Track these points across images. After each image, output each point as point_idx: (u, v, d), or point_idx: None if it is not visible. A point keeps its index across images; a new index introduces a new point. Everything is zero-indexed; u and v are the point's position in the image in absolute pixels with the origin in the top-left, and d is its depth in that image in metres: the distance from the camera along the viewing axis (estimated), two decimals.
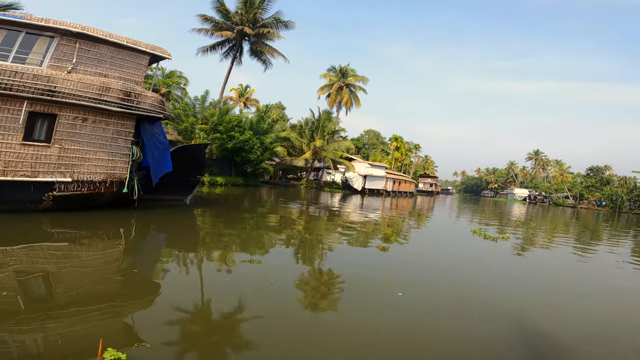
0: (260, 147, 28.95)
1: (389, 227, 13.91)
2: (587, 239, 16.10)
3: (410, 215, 20.76)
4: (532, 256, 10.28)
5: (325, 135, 40.40)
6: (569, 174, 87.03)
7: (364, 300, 5.02)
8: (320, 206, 21.27)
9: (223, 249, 7.56)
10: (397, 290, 5.42)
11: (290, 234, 10.18)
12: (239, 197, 22.19)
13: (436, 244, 11.14)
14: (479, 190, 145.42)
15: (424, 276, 6.81)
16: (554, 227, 22.13)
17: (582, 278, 8.04)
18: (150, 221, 10.12)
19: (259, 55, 32.70)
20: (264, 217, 13.43)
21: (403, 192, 52.17)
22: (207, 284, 5.20)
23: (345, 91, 43.65)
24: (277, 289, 5.10)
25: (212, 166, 27.97)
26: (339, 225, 13.02)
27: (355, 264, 7.27)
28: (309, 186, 42.02)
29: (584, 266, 9.44)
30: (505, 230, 16.92)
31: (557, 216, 36.20)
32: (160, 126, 11.56)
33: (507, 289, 6.35)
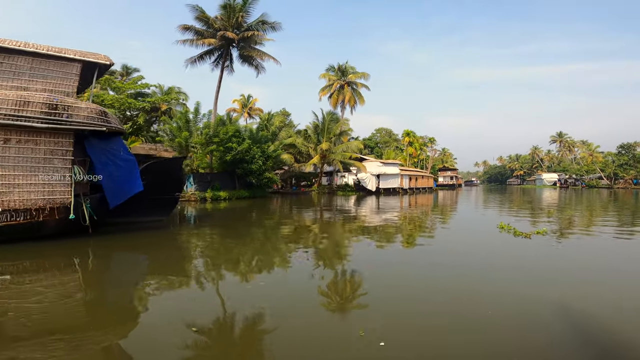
0: (261, 157, 27.37)
1: (403, 230, 11.87)
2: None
3: (429, 213, 18.54)
4: (589, 257, 8.02)
5: (332, 137, 38.55)
6: (598, 154, 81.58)
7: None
8: (333, 211, 19.41)
9: (175, 284, 5.81)
10: (382, 339, 3.49)
11: (291, 250, 8.36)
12: (241, 210, 20.62)
13: (455, 250, 9.05)
14: (503, 179, 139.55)
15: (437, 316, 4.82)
16: (595, 211, 19.35)
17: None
18: (97, 249, 8.50)
19: (249, 60, 31.34)
20: (256, 233, 11.68)
21: (421, 189, 49.49)
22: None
23: (347, 89, 41.67)
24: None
25: (213, 181, 26.62)
26: (349, 232, 11.11)
27: (369, 284, 5.35)
28: (321, 191, 40.18)
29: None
30: (538, 221, 14.51)
31: (595, 199, 32.84)
32: (120, 142, 10.05)
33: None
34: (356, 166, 38.66)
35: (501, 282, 5.78)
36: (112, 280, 6.36)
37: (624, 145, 68.33)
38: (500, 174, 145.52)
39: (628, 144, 67.81)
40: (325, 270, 6.63)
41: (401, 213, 18.83)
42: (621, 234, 10.88)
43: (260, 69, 32.46)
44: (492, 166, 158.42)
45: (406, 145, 63.41)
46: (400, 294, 5.21)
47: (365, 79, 42.33)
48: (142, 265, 7.52)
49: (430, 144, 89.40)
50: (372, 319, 4.16)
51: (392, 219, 15.80)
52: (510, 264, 7.05)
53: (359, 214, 18.12)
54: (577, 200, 31.57)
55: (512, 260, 7.25)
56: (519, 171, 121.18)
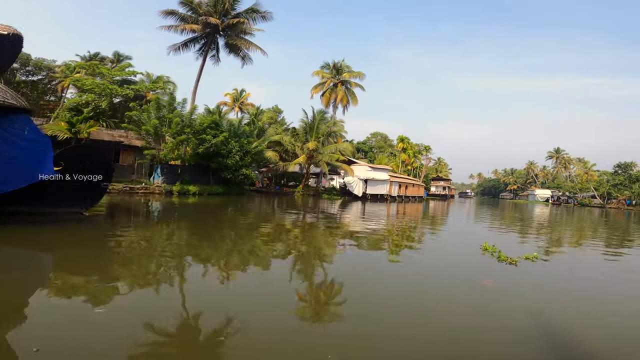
0: (239, 152, 25.55)
1: (374, 245, 10.12)
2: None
3: (412, 226, 16.84)
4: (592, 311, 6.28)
5: (320, 137, 36.82)
6: (594, 172, 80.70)
7: None
8: (309, 216, 17.64)
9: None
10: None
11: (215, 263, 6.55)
12: (207, 207, 18.78)
13: (415, 280, 7.29)
14: (496, 193, 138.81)
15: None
16: (589, 232, 17.76)
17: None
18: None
19: (235, 50, 29.57)
20: (203, 235, 9.85)
21: (411, 197, 47.85)
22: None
23: (340, 88, 39.92)
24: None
25: (184, 174, 24.73)
26: (315, 243, 9.35)
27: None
28: (306, 193, 38.38)
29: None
30: (527, 238, 12.84)
31: (587, 218, 31.40)
32: (24, 121, 8.25)
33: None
34: (343, 169, 36.97)
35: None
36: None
37: (621, 165, 67.37)
38: (494, 187, 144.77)
39: (625, 164, 66.83)
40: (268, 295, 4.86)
41: (381, 223, 17.12)
42: (621, 265, 9.24)
43: (247, 59, 30.73)
44: (486, 179, 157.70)
45: (399, 152, 61.79)
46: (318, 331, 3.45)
47: (361, 78, 40.69)
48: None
49: (426, 152, 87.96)
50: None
51: (367, 230, 14.09)
52: (470, 312, 5.29)
53: (337, 221, 16.37)
54: (569, 218, 30.08)
55: (480, 306, 5.47)
56: (513, 185, 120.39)
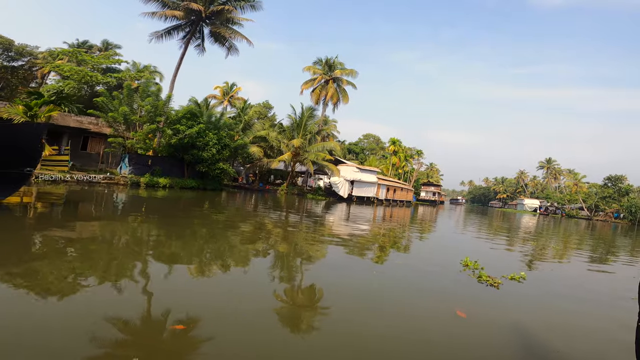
0: (217, 144, 24.03)
1: (342, 254, 8.78)
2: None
3: (394, 232, 15.58)
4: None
5: (307, 134, 35.45)
6: (583, 184, 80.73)
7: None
8: (286, 216, 16.26)
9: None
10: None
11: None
12: (175, 202, 17.29)
13: (390, 305, 5.96)
14: (486, 201, 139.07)
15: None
16: (578, 245, 16.68)
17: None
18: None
19: (219, 39, 28.02)
20: (149, 233, 8.38)
21: (399, 201, 46.72)
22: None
23: (331, 85, 38.56)
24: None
25: (155, 165, 23.14)
26: (280, 249, 7.98)
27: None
28: (290, 192, 36.98)
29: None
30: (513, 251, 11.64)
31: (575, 230, 30.56)
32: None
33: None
34: (330, 169, 35.64)
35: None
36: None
37: (611, 178, 67.19)
38: (484, 195, 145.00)
39: (616, 176, 66.66)
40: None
41: (360, 229, 15.82)
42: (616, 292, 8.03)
43: (233, 50, 29.19)
44: (477, 186, 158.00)
45: (390, 154, 60.72)
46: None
47: (353, 76, 39.37)
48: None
49: (418, 157, 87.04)
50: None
51: (340, 236, 12.77)
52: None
53: (314, 223, 15.03)
54: (556, 230, 29.17)
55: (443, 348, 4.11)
56: (503, 194, 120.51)
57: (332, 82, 38.82)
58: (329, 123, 74.48)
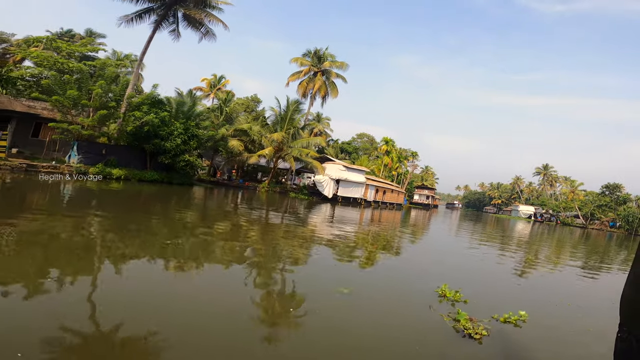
0: (183, 134, 21.63)
1: (297, 275, 6.49)
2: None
3: (372, 241, 13.31)
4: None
5: (291, 129, 33.10)
6: (580, 192, 78.99)
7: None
8: (256, 215, 13.96)
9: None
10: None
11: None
12: (125, 196, 14.93)
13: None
14: (481, 206, 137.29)
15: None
16: (579, 256, 14.49)
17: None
18: None
19: (193, 22, 25.56)
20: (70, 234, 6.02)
21: (388, 204, 44.47)
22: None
23: (319, 77, 36.12)
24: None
25: (110, 155, 20.67)
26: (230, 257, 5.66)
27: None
28: (271, 190, 34.62)
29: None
30: (506, 261, 9.37)
31: (571, 240, 28.47)
32: None
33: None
34: (314, 166, 33.32)
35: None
36: None
37: (609, 186, 65.38)
38: (478, 200, 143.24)
39: (614, 185, 64.86)
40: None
41: (333, 232, 13.53)
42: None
43: (209, 35, 26.72)
44: (472, 191, 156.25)
45: (383, 154, 58.49)
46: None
47: (343, 69, 36.98)
48: None
49: (412, 158, 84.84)
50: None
51: (300, 243, 10.49)
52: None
53: (284, 226, 12.71)
54: (552, 241, 27.04)
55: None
56: (497, 200, 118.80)
57: (321, 74, 36.41)
58: (322, 120, 72.18)
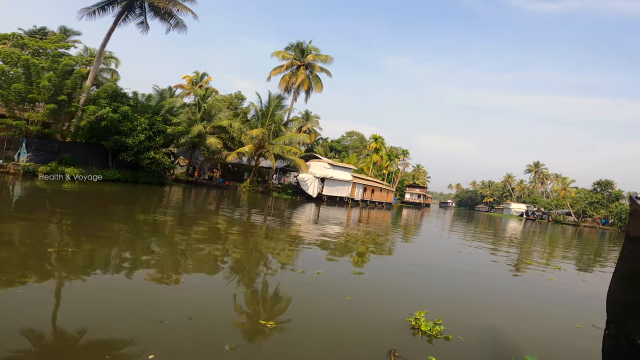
0: (147, 130, 19.75)
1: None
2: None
3: (351, 246, 11.66)
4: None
5: (272, 125, 31.36)
6: (572, 189, 78.43)
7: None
8: (231, 220, 12.20)
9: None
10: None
11: None
12: (71, 197, 13.07)
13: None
14: (473, 204, 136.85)
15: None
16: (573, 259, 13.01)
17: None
18: None
19: (160, 13, 23.67)
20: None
21: (377, 203, 42.91)
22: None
23: (302, 71, 34.34)
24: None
25: (63, 152, 18.72)
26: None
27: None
28: (253, 189, 32.83)
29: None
30: (499, 268, 7.76)
31: (565, 238, 27.19)
32: None
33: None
34: (297, 164, 31.59)
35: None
36: None
37: (601, 183, 64.66)
38: (470, 199, 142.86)
39: (605, 181, 64.14)
40: None
41: (307, 238, 11.84)
42: None
43: (180, 26, 24.85)
44: (464, 190, 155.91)
45: (372, 152, 56.98)
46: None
47: (328, 62, 35.20)
48: None
49: (403, 157, 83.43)
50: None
51: (267, 250, 8.76)
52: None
53: (235, 233, 10.96)
54: (546, 238, 25.70)
55: None
56: (489, 198, 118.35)
57: (304, 68, 34.63)
58: (311, 118, 70.49)
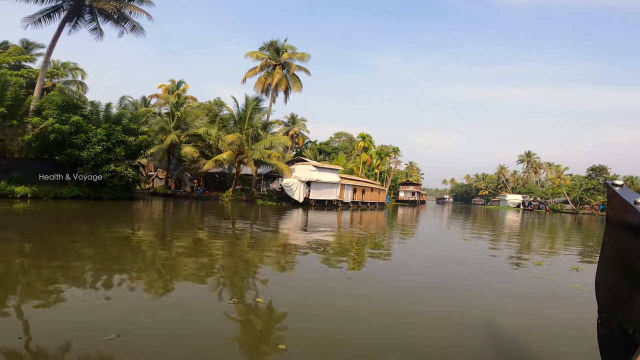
0: (105, 141, 17.99)
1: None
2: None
3: (332, 259, 9.99)
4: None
5: (250, 129, 29.71)
6: (566, 176, 77.51)
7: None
8: (213, 232, 10.47)
9: None
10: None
11: None
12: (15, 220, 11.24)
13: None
14: (469, 198, 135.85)
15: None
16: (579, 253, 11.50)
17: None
18: None
19: (112, 18, 22.04)
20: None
21: (369, 203, 41.28)
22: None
23: (278, 70, 32.66)
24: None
25: (13, 170, 16.88)
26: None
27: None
28: (237, 198, 31.06)
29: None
30: (505, 278, 6.11)
31: (565, 228, 25.72)
32: None
33: None
34: (280, 168, 29.90)
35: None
36: None
37: (595, 168, 63.66)
38: (466, 193, 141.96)
39: (599, 167, 63.14)
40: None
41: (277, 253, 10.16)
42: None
43: (137, 30, 23.19)
44: (459, 184, 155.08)
45: (361, 151, 55.47)
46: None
47: (305, 60, 33.62)
48: None
49: (394, 154, 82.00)
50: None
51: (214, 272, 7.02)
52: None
53: (223, 245, 9.23)
54: (543, 228, 24.25)
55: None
56: (484, 191, 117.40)
57: (280, 67, 32.98)
58: (297, 122, 68.97)
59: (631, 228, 1.36)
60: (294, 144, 67.86)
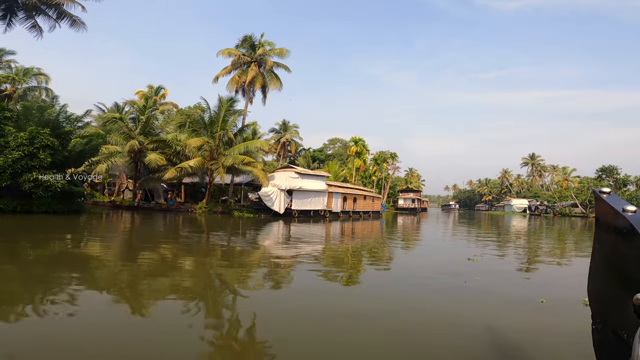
0: (27, 146, 14.90)
1: None
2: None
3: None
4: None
5: (222, 132, 26.56)
6: (574, 179, 73.68)
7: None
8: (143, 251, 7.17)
9: None
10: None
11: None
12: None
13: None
14: (472, 204, 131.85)
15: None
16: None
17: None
18: None
19: (45, 12, 19.24)
20: None
21: (362, 213, 37.79)
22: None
23: (252, 67, 29.45)
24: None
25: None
26: None
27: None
28: (212, 210, 27.76)
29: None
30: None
31: (575, 236, 22.20)
32: None
33: None
34: (255, 175, 26.61)
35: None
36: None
37: (605, 169, 59.90)
38: (469, 199, 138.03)
39: (610, 167, 59.40)
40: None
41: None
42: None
43: (78, 24, 20.34)
44: (461, 190, 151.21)
45: (353, 156, 52.20)
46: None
47: (284, 56, 30.46)
48: None
49: (392, 160, 78.43)
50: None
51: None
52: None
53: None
54: (552, 235, 20.71)
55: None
56: (488, 196, 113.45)
57: (256, 64, 29.83)
58: (289, 129, 65.83)
59: (620, 234, 1.40)
60: (286, 151, 64.69)
